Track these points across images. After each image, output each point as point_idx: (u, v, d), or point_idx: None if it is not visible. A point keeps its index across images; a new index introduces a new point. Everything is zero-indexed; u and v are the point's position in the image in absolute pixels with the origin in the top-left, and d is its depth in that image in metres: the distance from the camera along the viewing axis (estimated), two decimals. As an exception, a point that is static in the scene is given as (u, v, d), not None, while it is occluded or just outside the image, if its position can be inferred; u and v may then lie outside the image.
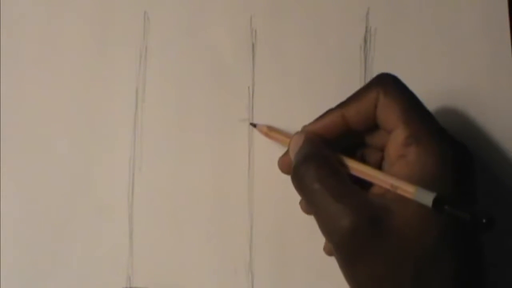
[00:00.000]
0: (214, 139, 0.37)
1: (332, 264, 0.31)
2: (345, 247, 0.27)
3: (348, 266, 0.28)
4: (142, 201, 0.36)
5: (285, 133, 0.34)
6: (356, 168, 0.30)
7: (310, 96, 0.37)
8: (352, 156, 0.31)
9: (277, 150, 0.35)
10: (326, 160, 0.29)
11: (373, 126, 0.31)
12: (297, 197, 0.35)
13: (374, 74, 0.36)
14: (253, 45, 0.38)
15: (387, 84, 0.30)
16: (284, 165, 0.34)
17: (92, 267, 0.35)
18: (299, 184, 0.29)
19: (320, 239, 0.33)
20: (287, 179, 0.35)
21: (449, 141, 0.29)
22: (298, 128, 0.33)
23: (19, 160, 0.36)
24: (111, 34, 0.38)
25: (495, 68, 0.37)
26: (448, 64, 0.37)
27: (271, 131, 0.35)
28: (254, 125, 0.36)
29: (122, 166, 0.36)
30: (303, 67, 0.38)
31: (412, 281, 0.26)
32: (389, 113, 0.29)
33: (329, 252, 0.33)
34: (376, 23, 0.38)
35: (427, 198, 0.26)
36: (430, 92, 0.37)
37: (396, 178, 0.28)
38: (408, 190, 0.27)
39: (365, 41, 0.38)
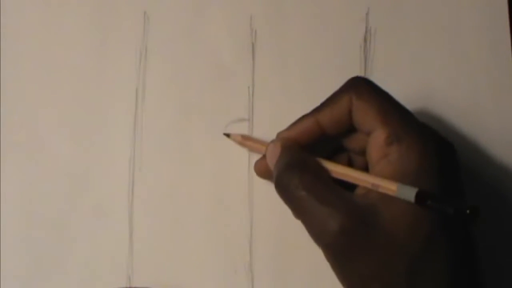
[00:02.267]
0: (214, 139, 0.37)
1: None
2: (335, 249, 0.28)
3: (340, 267, 0.28)
4: (142, 201, 0.36)
5: (261, 141, 0.34)
6: (336, 170, 0.30)
7: (310, 96, 0.36)
8: (335, 160, 0.31)
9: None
10: (307, 166, 0.29)
11: (349, 130, 0.31)
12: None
13: (374, 74, 0.37)
14: (253, 45, 0.38)
15: (359, 87, 0.30)
16: (261, 169, 0.34)
17: (92, 267, 0.35)
18: (284, 193, 0.29)
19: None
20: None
21: (430, 135, 0.29)
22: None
23: (19, 160, 0.36)
24: (111, 34, 0.38)
25: (495, 68, 0.37)
26: (448, 64, 0.37)
27: (245, 140, 0.35)
28: (227, 135, 0.36)
29: (122, 166, 0.36)
30: (303, 67, 0.38)
31: (405, 278, 0.26)
32: (365, 115, 0.29)
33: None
34: (376, 23, 0.38)
35: (409, 193, 0.26)
36: (430, 91, 0.37)
37: (376, 176, 0.28)
38: (389, 187, 0.27)
39: (365, 41, 0.38)
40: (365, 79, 0.30)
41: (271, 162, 0.31)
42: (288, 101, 0.37)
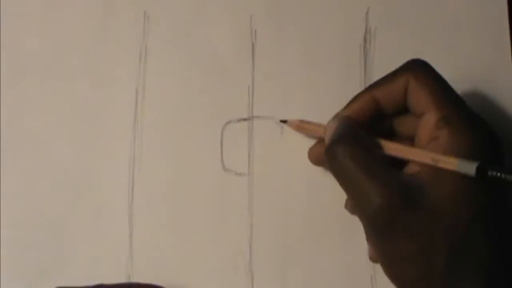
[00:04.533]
0: (214, 138, 0.36)
1: (332, 265, 0.31)
2: (376, 224, 0.28)
3: (379, 243, 0.28)
4: (142, 201, 0.36)
5: (318, 124, 0.34)
6: (392, 147, 0.30)
7: (310, 95, 0.37)
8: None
9: (277, 150, 0.35)
10: (359, 139, 0.30)
11: (403, 110, 0.31)
12: (298, 197, 0.35)
13: (374, 74, 0.37)
14: (253, 45, 0.38)
15: (418, 69, 0.30)
16: (314, 155, 0.34)
17: (92, 267, 0.35)
18: (333, 162, 0.29)
19: (320, 239, 0.34)
20: (287, 178, 0.35)
21: (480, 124, 0.29)
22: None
23: (19, 160, 0.36)
24: (111, 34, 0.38)
25: (495, 68, 0.37)
26: (448, 64, 0.36)
27: (303, 123, 0.35)
28: (284, 121, 0.35)
29: (122, 166, 0.36)
30: (303, 67, 0.37)
31: (445, 258, 0.27)
32: (419, 97, 0.30)
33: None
34: (376, 23, 0.38)
35: (470, 167, 0.27)
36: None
37: (436, 152, 0.28)
38: (450, 161, 0.27)
39: (365, 41, 0.38)
40: (424, 62, 0.31)
41: (329, 138, 0.31)
42: (288, 100, 0.37)
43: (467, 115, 0.29)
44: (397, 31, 0.38)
